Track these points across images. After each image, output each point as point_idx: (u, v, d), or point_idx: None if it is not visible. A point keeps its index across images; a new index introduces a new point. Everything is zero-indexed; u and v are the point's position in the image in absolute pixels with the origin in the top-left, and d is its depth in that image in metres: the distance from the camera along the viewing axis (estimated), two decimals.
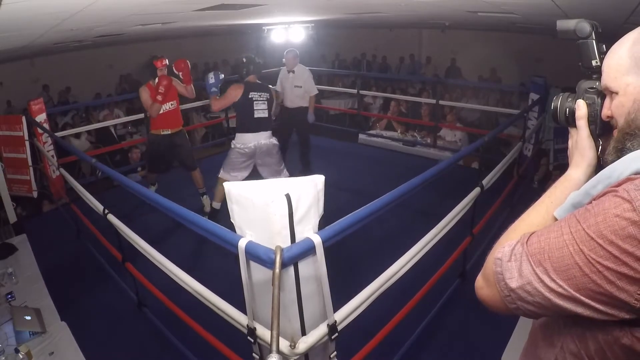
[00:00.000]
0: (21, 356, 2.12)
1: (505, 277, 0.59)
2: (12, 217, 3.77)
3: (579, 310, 0.54)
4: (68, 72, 7.46)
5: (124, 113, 6.43)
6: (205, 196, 3.89)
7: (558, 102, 0.76)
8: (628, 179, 0.54)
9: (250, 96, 3.25)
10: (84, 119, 6.33)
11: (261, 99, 3.28)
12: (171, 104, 3.64)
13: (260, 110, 3.27)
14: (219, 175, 3.45)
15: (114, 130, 5.89)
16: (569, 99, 0.75)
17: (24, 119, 3.84)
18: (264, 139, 3.32)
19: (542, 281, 0.55)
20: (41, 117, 4.09)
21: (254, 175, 3.41)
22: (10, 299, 2.68)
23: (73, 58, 7.20)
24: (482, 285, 0.65)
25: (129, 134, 6.15)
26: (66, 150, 3.97)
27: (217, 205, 3.60)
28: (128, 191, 2.10)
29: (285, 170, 3.54)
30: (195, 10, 2.78)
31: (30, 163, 3.92)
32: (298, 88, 4.44)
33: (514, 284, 0.58)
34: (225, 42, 9.20)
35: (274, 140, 3.40)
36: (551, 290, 0.55)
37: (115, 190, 4.37)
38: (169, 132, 3.67)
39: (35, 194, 4.06)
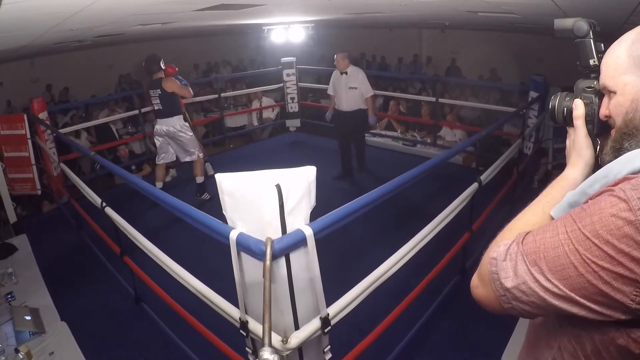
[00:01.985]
0: (21, 356, 2.12)
1: (501, 277, 0.59)
2: (12, 217, 3.78)
3: (575, 310, 0.53)
4: (68, 72, 7.46)
5: (123, 113, 6.42)
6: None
7: (556, 101, 0.75)
8: (625, 179, 0.53)
9: (150, 92, 3.92)
10: (83, 119, 6.32)
11: (154, 94, 3.87)
12: None
13: (156, 104, 3.92)
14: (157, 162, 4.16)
15: (115, 130, 5.88)
16: (567, 99, 0.74)
17: (25, 117, 3.85)
18: (166, 125, 3.92)
19: (537, 281, 0.55)
20: (42, 116, 4.10)
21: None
22: (10, 299, 2.68)
23: (73, 58, 7.21)
24: (478, 285, 0.65)
25: (129, 135, 6.13)
26: (67, 146, 4.00)
27: (199, 179, 4.18)
28: (127, 190, 2.11)
29: (197, 153, 4.06)
30: (195, 10, 2.78)
31: (33, 161, 3.93)
32: (353, 89, 4.30)
33: (509, 283, 0.57)
34: (225, 42, 9.20)
35: (178, 127, 3.93)
36: (546, 290, 0.54)
37: (115, 189, 4.37)
38: None
39: (39, 192, 4.08)
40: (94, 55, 7.40)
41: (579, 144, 0.72)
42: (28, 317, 2.46)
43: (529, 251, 0.57)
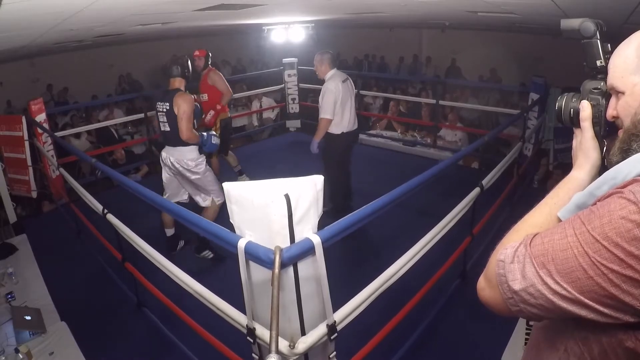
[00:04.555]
0: (21, 356, 2.12)
1: (508, 279, 0.58)
2: (12, 217, 3.78)
3: (583, 313, 0.53)
4: (68, 72, 7.47)
5: (123, 113, 6.43)
6: (242, 176, 4.34)
7: (562, 102, 0.75)
8: (634, 180, 0.52)
9: (156, 106, 2.89)
10: (83, 119, 6.33)
11: (161, 110, 2.84)
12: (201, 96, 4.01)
13: (161, 122, 2.88)
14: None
15: (115, 131, 5.89)
16: (574, 99, 0.74)
17: (23, 119, 3.84)
18: (173, 156, 2.90)
19: (545, 283, 0.54)
20: (41, 117, 4.09)
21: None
22: (10, 299, 2.69)
23: (73, 58, 7.21)
24: (484, 287, 0.64)
25: (129, 135, 6.15)
26: (66, 150, 3.97)
27: (170, 231, 3.20)
28: (128, 191, 2.10)
29: (212, 196, 3.00)
30: (195, 10, 2.78)
31: (29, 163, 3.92)
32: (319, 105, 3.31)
33: (516, 286, 0.57)
34: (225, 42, 9.21)
35: (191, 164, 2.89)
36: (555, 292, 0.54)
37: (115, 190, 4.37)
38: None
39: (34, 194, 4.06)
40: (94, 55, 7.40)
41: (585, 146, 0.71)
42: (28, 317, 2.46)
43: (537, 253, 0.56)
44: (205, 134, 2.93)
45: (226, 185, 1.23)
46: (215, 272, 2.91)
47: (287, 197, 1.13)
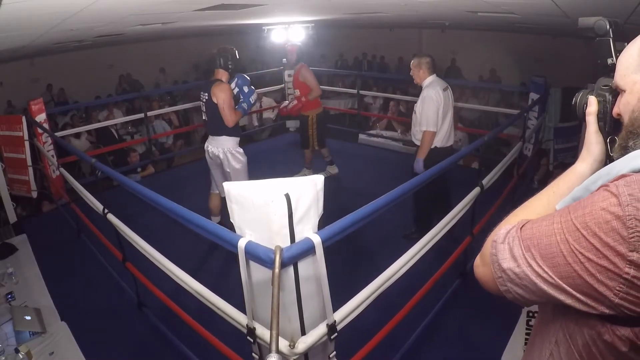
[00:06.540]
0: (21, 356, 2.12)
1: (499, 258, 0.61)
2: (12, 217, 3.78)
3: (562, 298, 0.55)
4: (68, 72, 7.46)
5: (123, 113, 6.43)
6: (332, 165, 4.57)
7: (578, 97, 0.77)
8: (622, 176, 0.54)
9: (200, 96, 3.02)
10: (83, 119, 6.33)
11: (202, 100, 2.96)
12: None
13: (203, 112, 2.99)
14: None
15: (116, 131, 5.89)
16: (588, 96, 0.75)
17: (24, 119, 3.84)
18: (212, 144, 3.02)
19: (530, 266, 0.57)
20: (41, 117, 4.08)
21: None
22: (10, 299, 2.69)
23: (73, 58, 7.20)
24: (479, 264, 0.68)
25: (129, 135, 6.15)
26: (66, 150, 3.97)
27: (215, 219, 3.28)
28: (128, 191, 2.10)
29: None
30: (195, 10, 2.78)
31: (29, 163, 3.92)
32: (414, 115, 3.04)
33: (505, 264, 0.60)
34: (225, 42, 9.20)
35: (229, 154, 2.95)
36: (538, 275, 0.56)
37: (115, 189, 4.37)
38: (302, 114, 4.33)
39: (34, 194, 4.06)
40: (94, 55, 7.39)
41: (589, 139, 0.73)
42: (28, 317, 2.45)
43: (525, 237, 0.59)
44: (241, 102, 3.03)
45: (226, 184, 1.23)
46: (215, 272, 2.92)
47: (287, 196, 1.13)
